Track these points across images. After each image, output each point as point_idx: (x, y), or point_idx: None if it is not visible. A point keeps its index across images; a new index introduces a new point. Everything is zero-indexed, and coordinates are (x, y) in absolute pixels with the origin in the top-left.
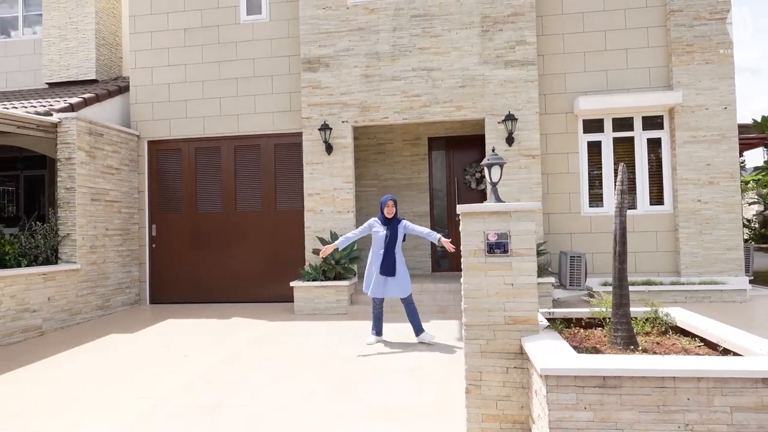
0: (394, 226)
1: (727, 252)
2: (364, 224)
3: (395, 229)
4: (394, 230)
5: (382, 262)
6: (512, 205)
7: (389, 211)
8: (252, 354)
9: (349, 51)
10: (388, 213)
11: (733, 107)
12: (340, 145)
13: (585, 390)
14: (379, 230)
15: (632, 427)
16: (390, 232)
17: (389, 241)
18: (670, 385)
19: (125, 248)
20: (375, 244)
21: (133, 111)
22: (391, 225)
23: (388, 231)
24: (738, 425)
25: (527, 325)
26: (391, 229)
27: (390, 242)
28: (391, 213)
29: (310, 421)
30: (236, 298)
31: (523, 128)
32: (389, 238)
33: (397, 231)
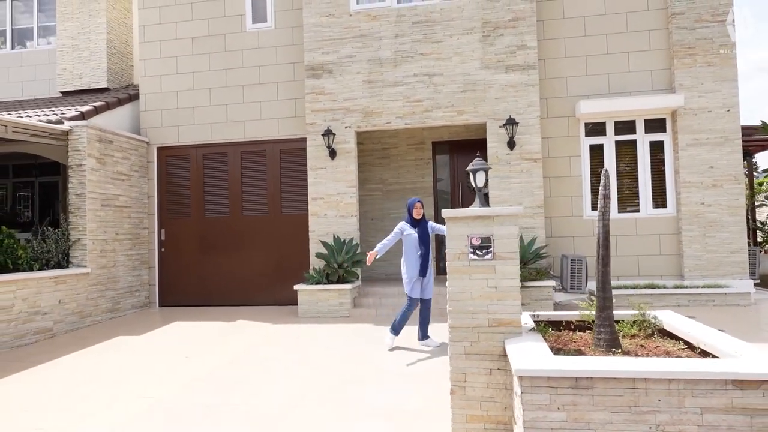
0: (424, 227)
1: (731, 255)
2: (395, 230)
3: (425, 229)
4: (425, 231)
5: (422, 263)
6: (495, 210)
7: (418, 213)
8: (253, 355)
9: (351, 57)
10: (417, 214)
11: (736, 109)
12: (344, 150)
13: (558, 391)
14: (411, 232)
15: (604, 428)
16: (422, 233)
17: (423, 242)
18: (642, 387)
19: (135, 252)
20: (410, 247)
21: (143, 118)
22: (421, 226)
23: (420, 232)
24: (708, 426)
25: (510, 328)
26: (422, 230)
27: (424, 243)
28: (420, 214)
29: (306, 419)
30: (243, 301)
31: (524, 132)
32: (422, 238)
33: (428, 231)
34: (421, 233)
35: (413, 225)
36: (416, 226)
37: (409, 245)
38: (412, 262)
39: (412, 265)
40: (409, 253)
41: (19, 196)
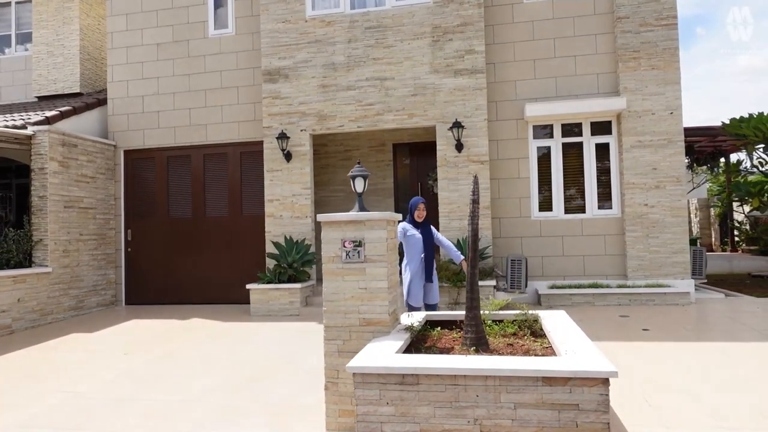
0: (428, 229)
1: (673, 255)
2: (398, 231)
3: (429, 232)
4: (428, 233)
5: (426, 267)
6: (366, 215)
7: (420, 215)
8: (187, 353)
9: (307, 62)
10: (419, 216)
11: (679, 112)
12: (299, 153)
13: (387, 387)
14: (414, 233)
15: (428, 422)
16: (425, 235)
17: (427, 245)
18: (462, 383)
19: (101, 252)
20: (412, 250)
21: (111, 122)
22: (424, 228)
23: (423, 234)
24: (521, 420)
25: (379, 327)
26: (425, 232)
27: (428, 246)
28: (422, 216)
29: (196, 415)
30: (205, 299)
31: (472, 135)
32: (426, 241)
33: (431, 234)
34: (425, 235)
35: (415, 226)
36: (418, 227)
37: (412, 248)
38: (416, 266)
39: (415, 269)
40: (411, 255)
41: None
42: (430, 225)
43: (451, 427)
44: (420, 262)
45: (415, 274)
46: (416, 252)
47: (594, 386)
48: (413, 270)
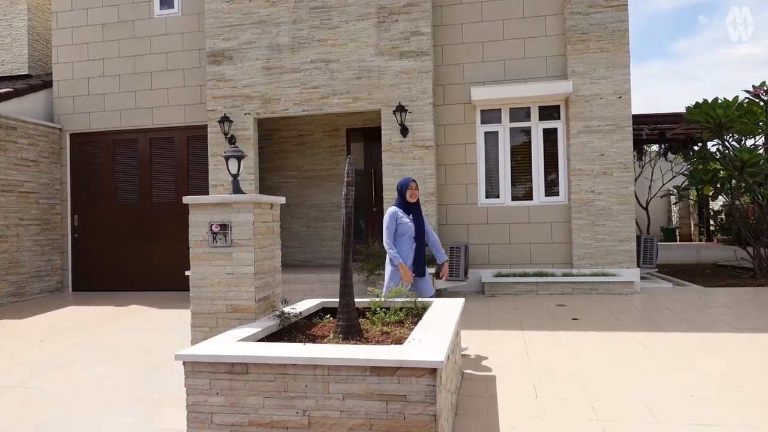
0: (419, 214)
1: (619, 244)
2: (386, 218)
3: (420, 217)
4: (420, 219)
5: (416, 258)
6: (233, 197)
7: (413, 195)
8: (104, 340)
9: (251, 44)
10: (412, 197)
11: (628, 96)
12: (243, 137)
13: (217, 376)
14: (407, 220)
15: (257, 412)
16: (417, 221)
17: (420, 233)
18: (291, 372)
19: (44, 237)
20: (403, 237)
21: (56, 104)
22: (416, 212)
23: (415, 220)
24: (349, 411)
25: (245, 314)
26: (417, 217)
27: (420, 233)
28: (415, 196)
29: (75, 403)
30: (152, 286)
31: (417, 119)
32: (418, 227)
33: (422, 219)
34: (416, 221)
35: (406, 211)
36: (410, 212)
37: (402, 236)
38: (405, 256)
39: (404, 259)
40: (401, 245)
41: None
42: (421, 209)
43: (280, 418)
44: (410, 253)
45: (407, 264)
46: (407, 241)
47: (421, 376)
48: (405, 260)
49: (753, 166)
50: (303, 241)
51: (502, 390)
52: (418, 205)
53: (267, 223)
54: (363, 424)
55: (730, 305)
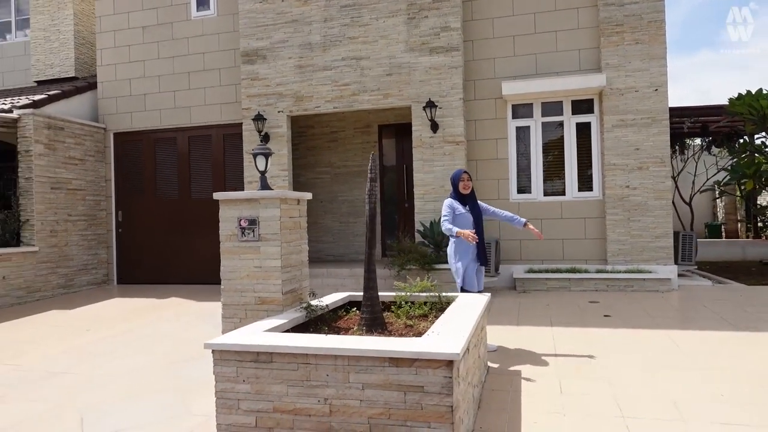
0: (475, 205)
1: (655, 240)
2: (445, 208)
3: (477, 207)
4: (477, 209)
5: (480, 248)
6: (260, 193)
7: (465, 187)
8: (144, 330)
9: (284, 43)
10: (465, 188)
11: (665, 89)
12: (277, 135)
13: (244, 364)
14: (464, 212)
15: (281, 400)
16: (475, 212)
17: (479, 223)
18: (313, 362)
19: (91, 232)
20: (464, 228)
21: (101, 105)
22: (472, 203)
23: (473, 211)
24: (368, 401)
25: (273, 306)
26: (474, 208)
27: (480, 223)
28: (468, 187)
29: (111, 389)
30: (191, 279)
31: (447, 115)
32: (477, 218)
33: (480, 210)
34: (474, 212)
35: (462, 203)
36: (466, 203)
37: (461, 227)
38: (467, 248)
39: (466, 251)
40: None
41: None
42: (477, 199)
43: (302, 406)
44: (472, 244)
45: (470, 257)
46: None
47: (438, 368)
48: (466, 253)
49: None
50: (336, 236)
51: (527, 385)
52: (473, 195)
53: (294, 218)
54: (382, 414)
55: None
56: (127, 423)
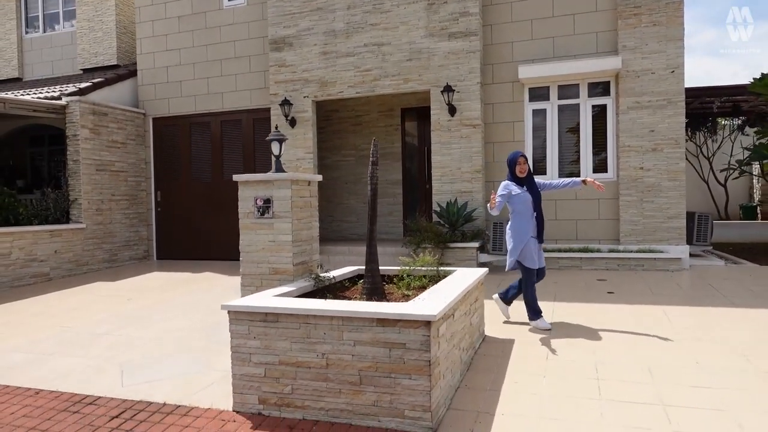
0: (533, 185)
1: (668, 221)
2: (500, 191)
3: (535, 187)
4: (534, 189)
5: (539, 227)
6: (273, 175)
7: (522, 170)
8: (180, 300)
9: (309, 30)
10: (521, 171)
11: (681, 70)
12: (303, 119)
13: (254, 323)
14: (520, 192)
15: (286, 354)
16: (533, 193)
17: (537, 203)
18: (312, 322)
19: (132, 211)
20: (521, 208)
21: (141, 92)
22: (529, 184)
23: (531, 192)
24: (359, 356)
25: (285, 276)
26: (532, 188)
27: (538, 203)
28: (524, 171)
29: (148, 348)
30: (224, 256)
31: (465, 98)
32: (535, 198)
33: (537, 190)
34: (533, 192)
35: (519, 184)
36: (523, 184)
37: (520, 207)
38: (526, 226)
39: (525, 229)
40: (521, 215)
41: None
42: (534, 178)
43: (303, 360)
44: (531, 222)
45: (529, 235)
46: (526, 212)
47: (418, 328)
48: (526, 231)
49: None
50: (360, 216)
51: (517, 352)
52: (529, 177)
53: (304, 197)
54: (370, 367)
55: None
56: (160, 375)
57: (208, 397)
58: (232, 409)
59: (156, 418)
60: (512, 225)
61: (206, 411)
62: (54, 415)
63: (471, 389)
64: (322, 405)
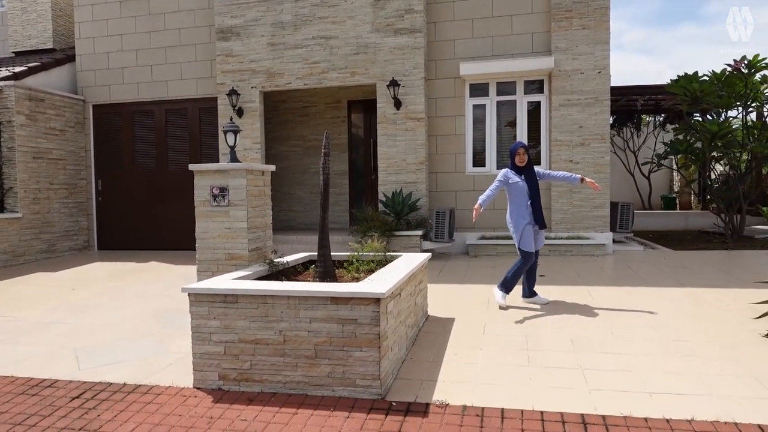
0: (532, 174)
1: (594, 210)
2: (498, 177)
3: (533, 177)
4: (532, 178)
5: (535, 213)
6: (229, 165)
7: (521, 160)
8: (126, 289)
9: (257, 21)
10: (520, 161)
11: (607, 71)
12: (250, 109)
13: (214, 305)
14: (517, 180)
15: (245, 332)
16: (530, 181)
17: (533, 191)
18: (270, 302)
19: (72, 201)
20: (517, 196)
21: (80, 77)
22: (528, 173)
23: (528, 180)
24: (314, 332)
25: (240, 261)
26: (529, 177)
27: (534, 191)
28: (524, 161)
29: (104, 334)
30: (170, 245)
31: (409, 93)
32: (531, 187)
33: (535, 179)
34: (530, 181)
35: (518, 172)
36: (521, 173)
37: (516, 194)
38: (522, 212)
39: (522, 214)
40: (517, 202)
41: None
42: (534, 168)
43: (262, 337)
44: (527, 209)
45: (526, 221)
46: (521, 199)
47: (368, 305)
48: (522, 217)
49: (722, 138)
50: (307, 206)
51: (457, 329)
52: (528, 167)
53: (259, 187)
54: (325, 341)
55: (688, 266)
56: (117, 358)
57: (168, 377)
58: (193, 386)
59: (118, 396)
60: (510, 212)
61: (167, 389)
62: (12, 398)
63: (416, 362)
64: (280, 378)
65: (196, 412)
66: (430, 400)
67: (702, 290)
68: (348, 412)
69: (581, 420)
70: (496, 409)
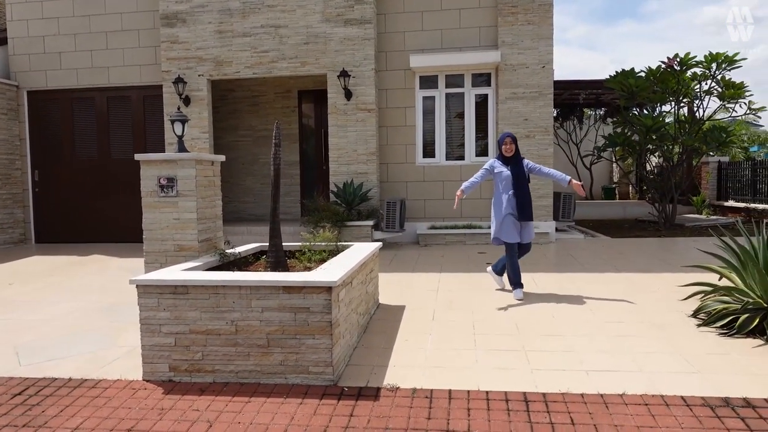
0: (518, 165)
1: (538, 199)
2: (485, 166)
3: (521, 167)
4: (519, 169)
5: (518, 205)
6: (177, 155)
7: (508, 149)
8: (67, 283)
9: (204, 7)
10: (507, 151)
11: (550, 66)
12: (197, 98)
13: (164, 296)
14: (503, 170)
15: (196, 323)
16: (515, 172)
17: (517, 181)
18: (222, 292)
19: (5, 192)
20: (500, 186)
21: (12, 62)
22: (514, 164)
23: (513, 170)
24: (267, 321)
25: (190, 252)
26: (515, 168)
27: (518, 182)
28: (510, 151)
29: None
30: (114, 238)
31: (360, 84)
32: (516, 177)
33: (522, 170)
34: (516, 171)
35: (505, 162)
36: (508, 163)
37: (500, 184)
38: (502, 202)
39: (501, 205)
40: (499, 193)
41: None
42: (522, 159)
43: (214, 327)
44: (509, 199)
45: (505, 211)
46: (505, 189)
47: (320, 294)
48: (504, 207)
49: (656, 131)
50: (257, 196)
51: (407, 315)
52: (516, 157)
53: (208, 177)
54: (277, 330)
55: (624, 252)
56: (61, 354)
57: (115, 370)
58: (143, 378)
59: (63, 392)
60: (493, 202)
61: (115, 382)
62: None
63: (367, 348)
64: (232, 368)
65: (146, 404)
66: (381, 384)
67: (636, 275)
68: (301, 398)
69: (523, 398)
70: (444, 390)
